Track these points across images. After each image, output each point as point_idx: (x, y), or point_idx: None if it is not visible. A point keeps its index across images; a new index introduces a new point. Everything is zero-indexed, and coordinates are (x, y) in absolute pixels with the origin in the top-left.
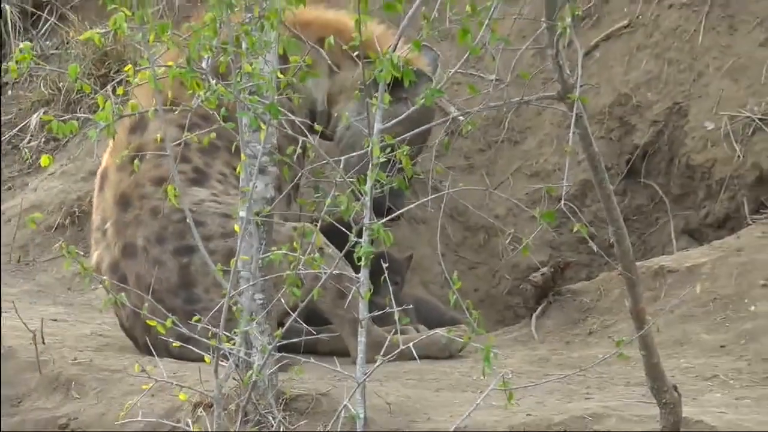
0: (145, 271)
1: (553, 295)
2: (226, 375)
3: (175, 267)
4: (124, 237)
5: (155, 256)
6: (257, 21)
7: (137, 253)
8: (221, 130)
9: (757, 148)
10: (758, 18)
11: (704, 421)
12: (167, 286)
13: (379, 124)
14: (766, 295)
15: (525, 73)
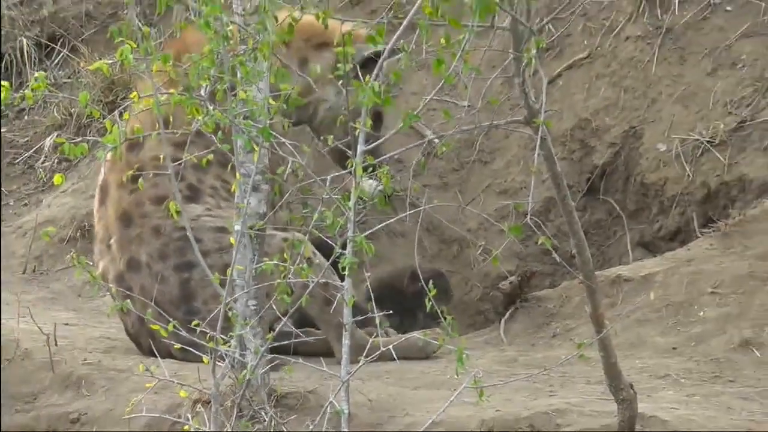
0: (148, 284)
1: (520, 302)
2: (222, 374)
3: (176, 282)
4: (129, 252)
5: (158, 272)
6: (251, 52)
7: (141, 267)
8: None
9: (705, 168)
10: (706, 49)
11: (658, 416)
12: (169, 298)
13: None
14: (713, 302)
15: (494, 99)
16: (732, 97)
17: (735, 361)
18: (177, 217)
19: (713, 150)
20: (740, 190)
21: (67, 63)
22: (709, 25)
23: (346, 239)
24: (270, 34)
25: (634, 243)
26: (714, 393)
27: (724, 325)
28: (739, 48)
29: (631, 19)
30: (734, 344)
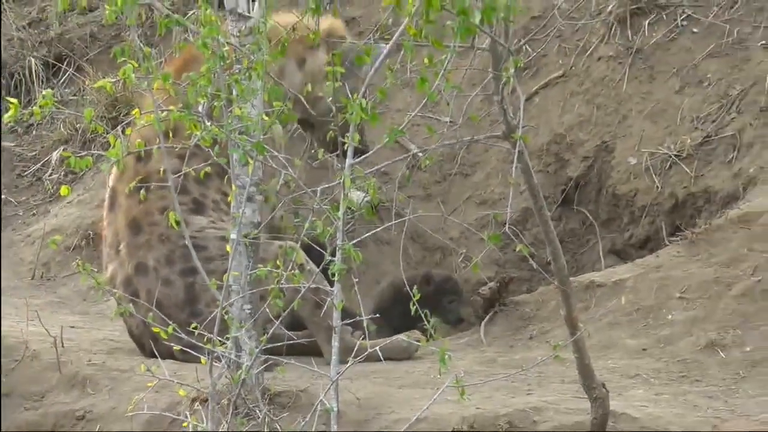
0: (155, 287)
1: (499, 306)
2: (219, 374)
3: (181, 285)
4: (137, 257)
5: (164, 276)
6: (245, 71)
7: (148, 272)
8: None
9: (673, 180)
10: (674, 69)
11: (628, 414)
12: (175, 301)
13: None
14: (681, 306)
15: (475, 116)
16: (698, 113)
17: (701, 361)
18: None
19: (680, 163)
20: (706, 200)
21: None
22: (677, 45)
23: (335, 247)
24: (263, 54)
25: (606, 250)
26: (681, 392)
27: (691, 327)
28: (705, 67)
29: (604, 41)
30: (700, 346)
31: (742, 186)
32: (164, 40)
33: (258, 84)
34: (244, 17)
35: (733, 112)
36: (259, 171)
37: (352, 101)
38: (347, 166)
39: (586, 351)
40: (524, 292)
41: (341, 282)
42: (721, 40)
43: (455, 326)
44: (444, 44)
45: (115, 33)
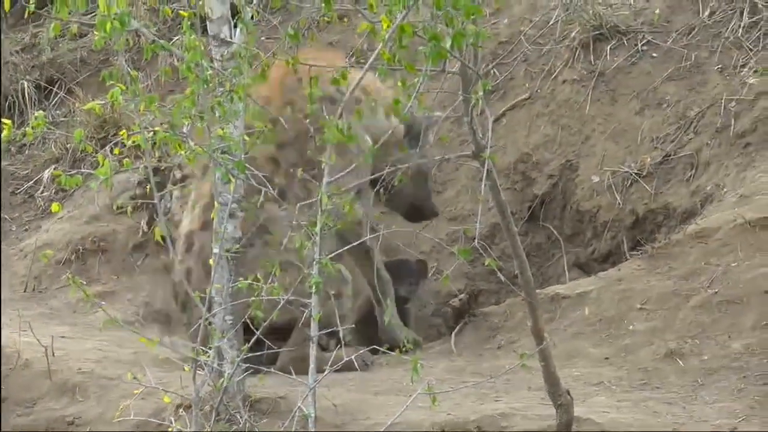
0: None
1: (469, 317)
2: (202, 382)
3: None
4: (207, 216)
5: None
6: (228, 94)
7: (209, 229)
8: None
9: (633, 197)
10: (635, 91)
11: (592, 419)
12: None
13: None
14: (641, 317)
15: (445, 136)
16: (658, 133)
17: (661, 370)
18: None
19: (641, 181)
20: (665, 216)
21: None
22: (637, 69)
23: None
24: (245, 78)
25: (571, 264)
26: (642, 398)
27: (651, 337)
28: (664, 90)
29: (568, 65)
30: (660, 355)
31: (699, 203)
32: (150, 64)
33: (239, 106)
34: (227, 43)
35: (691, 132)
36: (240, 189)
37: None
38: (324, 185)
39: (551, 360)
40: (492, 304)
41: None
42: (679, 65)
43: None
44: (416, 68)
45: (104, 57)
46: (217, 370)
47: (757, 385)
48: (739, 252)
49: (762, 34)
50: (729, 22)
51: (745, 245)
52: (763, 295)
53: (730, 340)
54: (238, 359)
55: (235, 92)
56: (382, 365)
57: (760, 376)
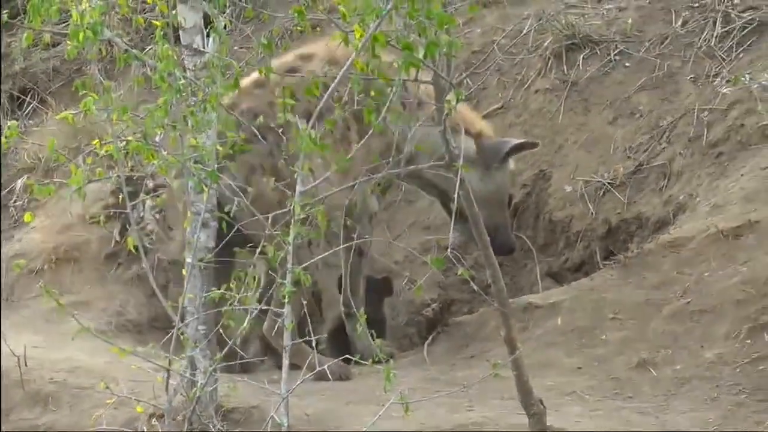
0: None
1: (442, 326)
2: (175, 391)
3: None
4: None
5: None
6: (200, 103)
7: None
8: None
9: (606, 207)
10: (608, 101)
11: (565, 429)
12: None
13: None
14: (614, 327)
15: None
16: (630, 143)
17: (634, 379)
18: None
19: (614, 191)
20: (638, 226)
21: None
22: (610, 79)
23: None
24: (217, 87)
25: (544, 274)
26: (615, 408)
27: (624, 347)
28: (637, 99)
29: (541, 74)
30: (633, 364)
31: (672, 212)
32: (123, 74)
33: (212, 115)
34: (200, 52)
35: (664, 142)
36: (213, 198)
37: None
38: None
39: (524, 369)
40: (465, 314)
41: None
42: (652, 74)
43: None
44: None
45: (77, 67)
46: (190, 380)
47: (729, 395)
48: (712, 261)
49: (735, 43)
50: (702, 32)
51: (718, 255)
52: (736, 304)
53: (702, 350)
54: (211, 368)
55: (208, 102)
56: (355, 375)
57: (732, 386)
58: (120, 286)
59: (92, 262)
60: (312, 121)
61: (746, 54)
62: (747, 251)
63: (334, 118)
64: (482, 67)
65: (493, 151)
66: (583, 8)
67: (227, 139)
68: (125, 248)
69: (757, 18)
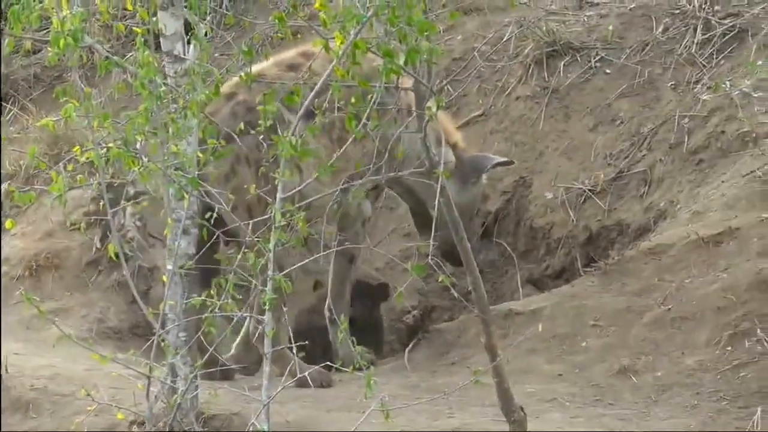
0: None
1: (422, 333)
2: (155, 398)
3: None
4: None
5: None
6: (181, 110)
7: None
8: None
9: (587, 214)
10: (588, 108)
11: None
12: None
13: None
14: (595, 333)
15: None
16: (611, 150)
17: (614, 386)
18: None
19: (594, 197)
20: (619, 233)
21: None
22: (591, 86)
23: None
24: (198, 94)
25: (524, 280)
26: (596, 415)
27: (605, 354)
28: (618, 106)
29: (521, 81)
30: (614, 371)
31: (652, 219)
32: (104, 81)
33: (193, 122)
34: (180, 59)
35: (644, 149)
36: (194, 205)
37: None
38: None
39: (505, 376)
40: (446, 320)
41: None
42: (632, 81)
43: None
44: (370, 84)
45: (58, 74)
46: (171, 387)
47: (710, 402)
48: (693, 268)
49: (715, 50)
50: (682, 39)
51: (699, 262)
52: (717, 311)
53: (683, 357)
54: (192, 375)
55: (189, 108)
56: (336, 381)
57: (713, 393)
58: (101, 293)
59: (73, 269)
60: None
61: (727, 61)
62: (727, 258)
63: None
64: (463, 74)
65: (472, 165)
66: (563, 15)
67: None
68: (106, 255)
69: (737, 25)
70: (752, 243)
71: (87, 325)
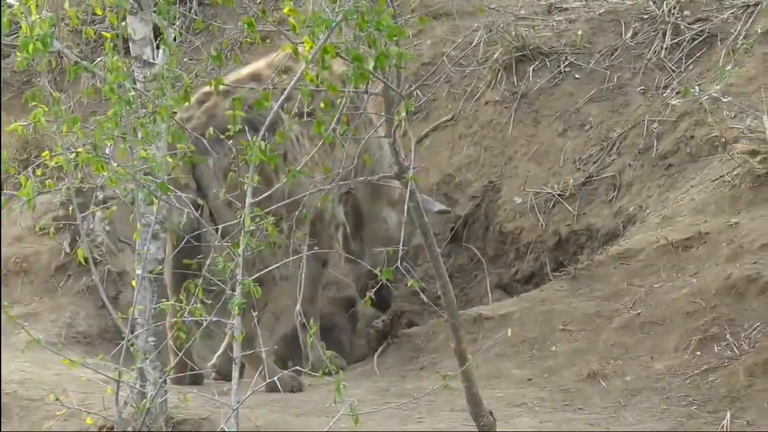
0: None
1: (392, 338)
2: (124, 403)
3: None
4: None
5: None
6: (150, 115)
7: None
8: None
9: (556, 218)
10: (557, 113)
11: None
12: None
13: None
14: (564, 338)
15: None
16: (580, 155)
17: (584, 390)
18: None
19: (564, 202)
20: (588, 238)
21: None
22: (560, 90)
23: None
24: (167, 99)
25: (494, 285)
26: (565, 419)
27: (574, 358)
28: (587, 111)
29: (491, 86)
30: (583, 376)
31: (622, 224)
32: (73, 86)
33: (162, 127)
34: (149, 64)
35: (614, 153)
36: (163, 210)
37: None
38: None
39: (474, 381)
40: (415, 325)
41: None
42: (601, 86)
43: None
44: (339, 89)
45: (27, 79)
46: (140, 392)
47: (679, 406)
48: (662, 273)
49: (684, 55)
50: (651, 44)
51: (668, 266)
52: (686, 316)
53: (652, 361)
54: (161, 380)
55: (158, 113)
56: (305, 386)
57: (682, 397)
58: (70, 298)
59: (42, 274)
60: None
61: (696, 65)
62: (696, 263)
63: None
64: (432, 79)
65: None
66: (533, 20)
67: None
68: (75, 260)
69: (706, 30)
70: (721, 248)
71: (56, 329)
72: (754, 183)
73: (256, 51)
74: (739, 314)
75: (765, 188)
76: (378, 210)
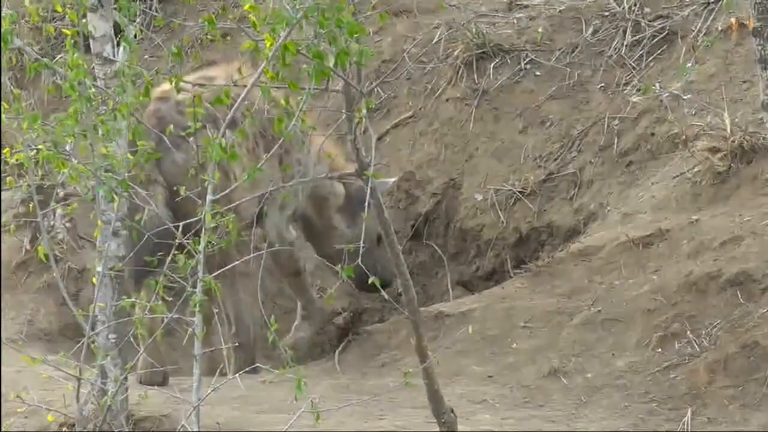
0: None
1: (353, 335)
2: (85, 400)
3: None
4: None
5: None
6: (111, 112)
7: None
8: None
9: (517, 216)
10: (518, 110)
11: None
12: None
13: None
14: (525, 335)
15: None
16: (541, 152)
17: (545, 388)
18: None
19: (524, 199)
20: (549, 235)
21: None
22: (521, 88)
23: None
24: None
25: (454, 282)
26: (526, 416)
27: (535, 355)
28: (547, 108)
29: (451, 83)
30: (544, 373)
31: (582, 221)
32: (34, 83)
33: (123, 124)
34: (110, 61)
35: (574, 151)
36: (124, 207)
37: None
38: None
39: (435, 378)
40: (376, 322)
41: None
42: (562, 83)
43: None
44: (300, 87)
45: None
46: (101, 389)
47: (640, 403)
48: (623, 270)
49: (645, 52)
50: (612, 41)
51: (629, 263)
52: (647, 313)
53: (613, 358)
54: (122, 377)
55: (119, 111)
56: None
57: (643, 394)
58: (30, 295)
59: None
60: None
61: (656, 63)
62: (657, 260)
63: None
64: (393, 76)
65: (360, 197)
66: (493, 17)
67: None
68: (36, 257)
69: (667, 27)
70: (682, 245)
71: (17, 326)
72: (714, 180)
73: (216, 48)
74: (700, 311)
75: (725, 185)
76: (327, 219)
